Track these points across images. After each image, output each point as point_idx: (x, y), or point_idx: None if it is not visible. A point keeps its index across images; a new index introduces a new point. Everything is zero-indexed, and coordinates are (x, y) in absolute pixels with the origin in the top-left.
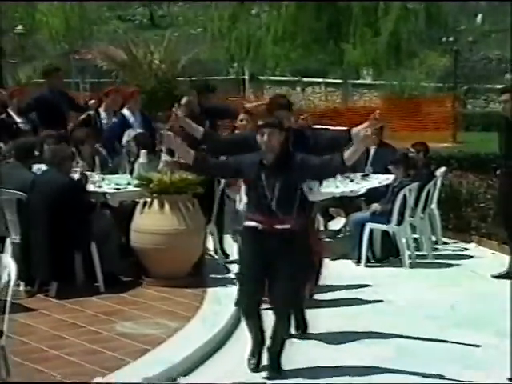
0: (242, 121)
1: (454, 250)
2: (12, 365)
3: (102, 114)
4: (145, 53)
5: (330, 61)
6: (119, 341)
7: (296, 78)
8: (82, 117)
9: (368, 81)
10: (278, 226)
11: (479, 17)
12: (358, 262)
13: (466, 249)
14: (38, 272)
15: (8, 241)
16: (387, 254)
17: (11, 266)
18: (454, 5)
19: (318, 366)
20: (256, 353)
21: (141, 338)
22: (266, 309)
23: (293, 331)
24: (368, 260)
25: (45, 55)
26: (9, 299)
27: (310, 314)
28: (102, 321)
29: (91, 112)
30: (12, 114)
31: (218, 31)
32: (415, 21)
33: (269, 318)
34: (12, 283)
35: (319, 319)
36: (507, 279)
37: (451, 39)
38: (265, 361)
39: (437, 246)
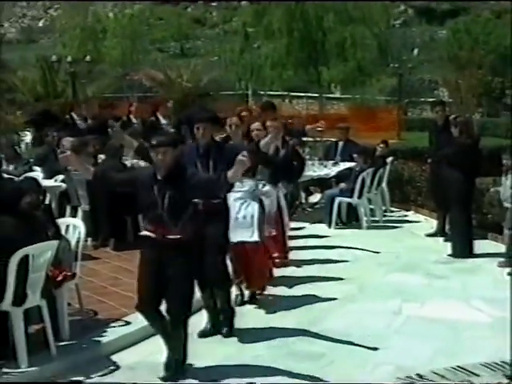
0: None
1: (398, 217)
2: (83, 297)
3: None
4: (176, 75)
5: (310, 80)
6: None
7: (286, 93)
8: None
9: (337, 95)
10: (170, 236)
11: (415, 50)
12: (329, 225)
13: (407, 215)
14: (101, 231)
15: (79, 209)
16: (350, 219)
17: (81, 227)
18: (398, 40)
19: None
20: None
21: None
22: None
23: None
24: (336, 224)
25: (105, 77)
26: (79, 250)
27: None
28: None
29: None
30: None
31: (230, 59)
32: (371, 51)
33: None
34: (82, 239)
35: (299, 267)
36: (435, 237)
37: (396, 65)
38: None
39: (386, 214)
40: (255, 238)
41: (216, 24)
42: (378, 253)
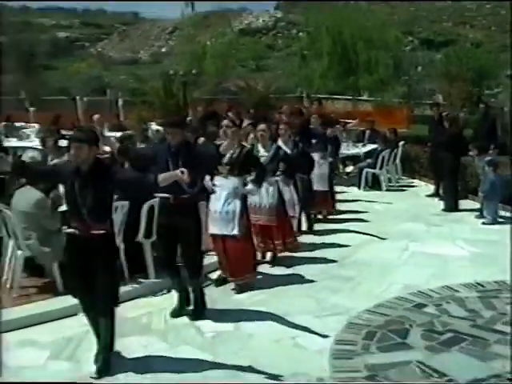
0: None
1: (407, 183)
2: None
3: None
4: (254, 83)
5: (346, 87)
6: None
7: (328, 96)
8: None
9: (365, 98)
10: (94, 232)
11: (419, 68)
12: (359, 188)
13: (413, 182)
14: None
15: None
16: (374, 184)
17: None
18: (407, 61)
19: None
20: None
21: None
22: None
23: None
24: (364, 187)
25: (205, 85)
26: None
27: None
28: None
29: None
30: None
31: (291, 73)
32: (389, 68)
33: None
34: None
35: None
36: (432, 197)
37: (406, 78)
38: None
39: (398, 181)
40: (235, 231)
41: (281, 48)
42: (392, 208)
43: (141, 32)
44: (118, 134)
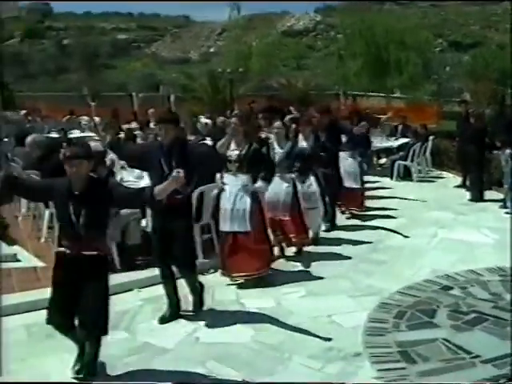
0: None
1: (436, 174)
2: None
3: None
4: (294, 81)
5: (380, 85)
6: None
7: (363, 93)
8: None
9: (397, 95)
10: (86, 252)
11: (448, 68)
12: (392, 178)
13: (442, 174)
14: None
15: None
16: (405, 175)
17: None
18: (436, 61)
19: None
20: (78, 360)
21: None
22: None
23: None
24: (396, 178)
25: (250, 82)
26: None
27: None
28: None
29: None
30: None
31: (329, 71)
32: (419, 68)
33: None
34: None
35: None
36: (460, 188)
37: (436, 77)
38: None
39: (428, 172)
40: (247, 228)
41: (320, 49)
42: (422, 198)
43: (191, 34)
44: None
